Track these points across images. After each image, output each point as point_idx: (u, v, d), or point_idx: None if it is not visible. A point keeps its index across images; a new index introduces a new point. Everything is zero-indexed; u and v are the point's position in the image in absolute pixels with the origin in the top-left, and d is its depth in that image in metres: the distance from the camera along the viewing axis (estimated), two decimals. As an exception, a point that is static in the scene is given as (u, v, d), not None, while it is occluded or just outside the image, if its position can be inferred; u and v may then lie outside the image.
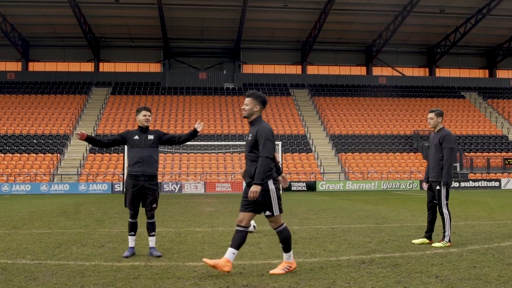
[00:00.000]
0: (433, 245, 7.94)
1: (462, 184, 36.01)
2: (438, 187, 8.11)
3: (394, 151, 41.59)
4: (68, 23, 45.14)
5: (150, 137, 7.31)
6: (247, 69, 54.37)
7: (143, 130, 7.35)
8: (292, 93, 51.37)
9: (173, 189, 33.81)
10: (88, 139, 7.31)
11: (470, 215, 13.59)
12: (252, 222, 10.00)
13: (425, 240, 8.23)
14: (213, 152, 40.04)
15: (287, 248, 6.00)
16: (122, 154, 34.69)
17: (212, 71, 53.48)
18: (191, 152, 40.06)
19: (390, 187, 34.99)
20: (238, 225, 5.95)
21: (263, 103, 6.32)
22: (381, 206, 17.42)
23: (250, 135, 6.17)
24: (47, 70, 52.15)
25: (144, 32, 49.03)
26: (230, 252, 5.83)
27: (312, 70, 54.09)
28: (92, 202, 21.75)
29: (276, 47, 53.15)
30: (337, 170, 38.67)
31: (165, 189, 33.61)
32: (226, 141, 41.00)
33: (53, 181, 35.98)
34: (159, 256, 7.16)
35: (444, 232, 8.02)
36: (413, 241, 8.34)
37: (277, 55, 53.88)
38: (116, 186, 33.72)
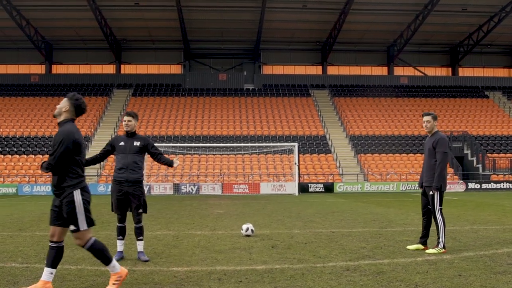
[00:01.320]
0: (427, 251, 7.77)
1: (484, 185, 35.35)
2: (431, 192, 7.94)
3: (414, 152, 41.06)
4: (90, 26, 45.73)
5: (136, 143, 7.31)
6: (267, 70, 54.32)
7: (129, 135, 7.37)
8: (312, 94, 51.12)
9: (191, 191, 33.96)
10: (87, 163, 7.31)
11: (480, 219, 13.31)
12: (250, 226, 10.00)
13: (420, 246, 8.06)
14: (232, 154, 40.11)
15: (106, 261, 5.37)
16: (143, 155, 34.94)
17: (232, 72, 53.57)
18: (210, 154, 40.17)
19: (409, 188, 34.53)
20: (50, 241, 5.33)
21: (77, 107, 5.61)
22: (392, 209, 17.19)
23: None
24: (70, 73, 52.97)
25: (164, 34, 49.39)
26: (47, 272, 5.26)
27: (332, 70, 53.76)
28: (105, 204, 21.97)
29: (296, 47, 52.98)
30: (356, 171, 38.33)
31: (182, 191, 33.79)
32: (245, 142, 41.04)
33: (74, 182, 36.41)
34: (146, 261, 7.17)
35: (438, 238, 7.85)
36: (408, 247, 8.18)
37: (297, 55, 53.70)
38: (134, 187, 33.96)
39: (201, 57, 53.58)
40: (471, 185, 35.26)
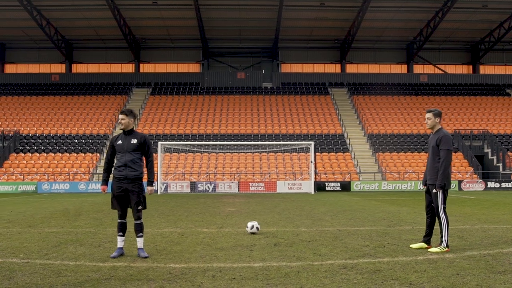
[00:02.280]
0: (429, 250, 7.65)
1: (504, 185, 34.74)
2: (434, 191, 7.80)
3: (433, 150, 40.50)
4: (109, 26, 46.20)
5: (133, 141, 7.32)
6: (286, 68, 54.19)
7: (126, 133, 7.39)
8: (330, 92, 50.86)
9: (207, 189, 34.05)
10: (108, 179, 7.54)
11: (492, 218, 13.07)
12: (255, 224, 9.97)
13: (423, 245, 7.94)
14: (249, 152, 40.11)
15: None
16: (154, 154, 35.13)
17: (251, 70, 53.57)
18: (227, 152, 40.24)
19: (427, 187, 34.07)
20: None
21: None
22: (405, 208, 16.99)
23: None
24: (89, 72, 53.53)
25: (183, 33, 49.61)
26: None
27: (351, 68, 53.41)
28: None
29: (314, 46, 52.76)
30: (374, 170, 38.03)
31: (199, 189, 33.90)
32: (263, 140, 41.03)
33: (92, 180, 36.89)
34: (145, 257, 7.18)
35: (442, 237, 7.71)
36: (411, 245, 8.06)
37: (315, 54, 53.47)
38: (151, 185, 34.19)
39: (219, 56, 53.68)
40: (491, 184, 34.70)
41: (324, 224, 11.72)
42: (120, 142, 7.33)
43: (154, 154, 38.61)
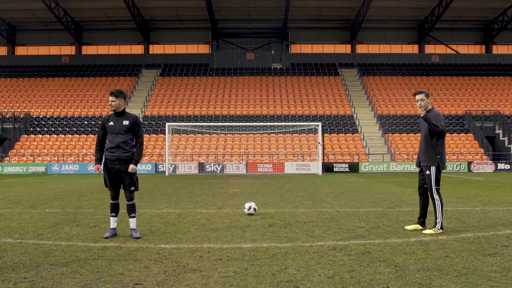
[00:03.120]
0: (423, 232, 7.59)
1: (516, 166, 34.45)
2: (428, 172, 7.71)
3: (443, 132, 40.12)
4: (118, 7, 46.05)
5: (125, 122, 7.28)
6: (295, 49, 53.80)
7: (118, 114, 7.35)
8: (340, 73, 50.48)
9: (215, 170, 34.14)
10: (101, 158, 7.43)
11: (495, 200, 12.94)
12: (253, 205, 9.97)
13: (418, 227, 7.88)
14: (258, 133, 40.07)
15: None
16: (162, 135, 35.13)
17: (260, 51, 53.27)
18: (236, 133, 40.23)
19: (436, 169, 33.82)
20: None
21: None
22: (410, 189, 16.88)
23: None
24: (99, 53, 53.57)
25: (191, 13, 49.36)
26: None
27: (361, 49, 52.90)
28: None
29: (324, 26, 52.28)
30: (383, 151, 37.83)
31: (207, 170, 34.01)
32: (272, 122, 40.93)
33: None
34: (138, 238, 7.21)
35: (436, 219, 7.63)
36: (406, 227, 8.00)
37: (325, 34, 53.00)
38: (159, 166, 34.41)
39: (228, 37, 53.41)
40: (501, 166, 34.41)
41: (324, 206, 11.69)
42: (111, 123, 7.30)
43: (161, 135, 38.63)
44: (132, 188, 7.34)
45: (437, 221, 7.59)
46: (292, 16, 48.60)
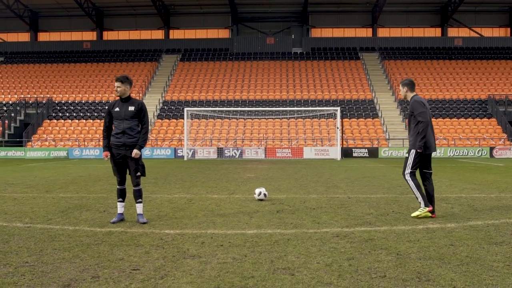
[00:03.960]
0: (411, 215, 7.71)
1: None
2: (407, 154, 7.89)
3: (466, 116, 39.55)
4: (138, -8, 46.13)
5: (131, 108, 7.28)
6: (316, 33, 53.31)
7: (123, 100, 7.36)
8: (361, 57, 49.91)
9: (234, 155, 34.20)
10: (109, 145, 7.35)
11: (513, 186, 12.71)
12: (263, 190, 9.95)
13: (427, 214, 7.78)
14: (277, 118, 39.95)
15: None
16: (182, 120, 35.19)
17: (280, 36, 52.92)
18: (255, 118, 40.17)
19: (457, 154, 33.41)
20: None
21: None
22: (427, 175, 16.65)
23: None
24: (120, 39, 53.83)
25: (211, -2, 49.20)
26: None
27: (383, 32, 52.17)
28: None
29: (345, 9, 51.63)
30: (403, 136, 37.40)
31: (226, 155, 34.08)
32: (291, 106, 40.75)
33: (122, 146, 37.39)
34: (144, 223, 7.25)
35: (417, 199, 7.72)
36: (412, 214, 7.89)
37: (346, 17, 52.37)
38: (179, 151, 34.60)
39: (248, 21, 53.16)
40: (525, 151, 33.75)
41: (336, 191, 11.61)
42: (117, 109, 7.31)
43: (181, 120, 38.72)
44: (138, 173, 7.36)
45: (419, 201, 7.67)
46: (312, 0, 48.06)
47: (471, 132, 37.25)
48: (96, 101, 43.37)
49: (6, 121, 39.81)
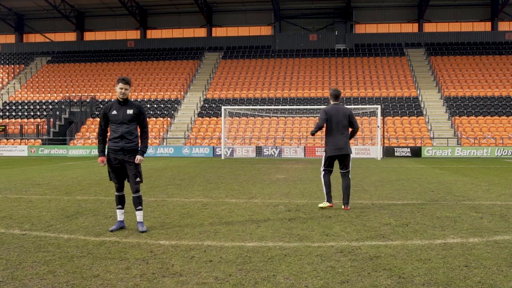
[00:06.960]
0: (319, 205, 9.24)
1: None
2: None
3: (516, 114, 37.73)
4: (180, -10, 46.26)
5: (129, 111, 6.92)
6: (360, 29, 52.14)
7: (121, 103, 7.01)
8: (406, 53, 48.47)
9: (273, 153, 33.74)
10: (105, 149, 7.09)
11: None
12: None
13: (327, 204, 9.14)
14: (318, 116, 39.14)
15: None
16: (221, 118, 34.96)
17: (323, 32, 52.06)
18: (296, 116, 39.57)
19: (505, 154, 31.83)
20: None
21: None
22: (467, 178, 15.75)
23: None
24: (163, 37, 54.24)
25: (253, -6, 48.85)
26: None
27: (429, 27, 50.48)
28: (178, 167, 22.33)
29: (390, 4, 50.27)
30: (449, 135, 36.02)
31: (264, 153, 33.67)
32: (333, 104, 39.80)
33: (163, 144, 37.63)
34: (144, 232, 6.91)
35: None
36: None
37: (391, 13, 50.98)
38: (217, 149, 34.43)
39: (291, 18, 52.53)
40: None
41: (362, 196, 10.99)
42: (114, 112, 6.97)
43: (216, 119, 38.62)
44: (138, 179, 7.03)
45: (324, 196, 9.18)
46: (356, -5, 47.05)
47: (522, 131, 35.48)
48: (139, 100, 43.78)
49: (52, 119, 40.71)
